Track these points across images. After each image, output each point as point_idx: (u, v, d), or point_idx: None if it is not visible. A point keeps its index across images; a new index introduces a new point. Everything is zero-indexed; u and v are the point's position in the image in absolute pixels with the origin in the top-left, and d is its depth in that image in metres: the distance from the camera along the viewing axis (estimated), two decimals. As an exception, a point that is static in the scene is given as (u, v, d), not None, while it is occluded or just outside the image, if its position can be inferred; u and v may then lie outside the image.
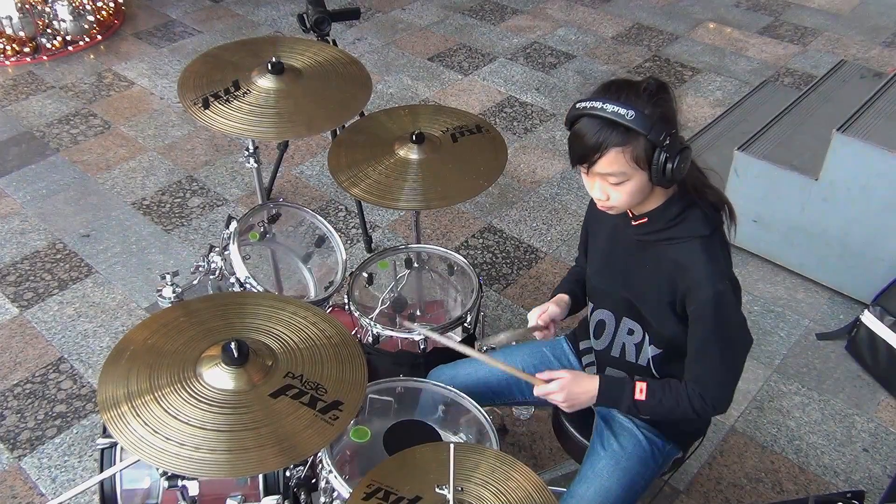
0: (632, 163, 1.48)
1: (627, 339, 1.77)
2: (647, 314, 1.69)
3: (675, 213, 1.59)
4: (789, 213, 2.99)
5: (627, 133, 1.46)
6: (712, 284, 1.55)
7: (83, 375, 2.74)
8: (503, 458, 1.57)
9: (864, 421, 2.61)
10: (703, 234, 1.58)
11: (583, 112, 1.50)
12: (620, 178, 1.51)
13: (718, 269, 1.57)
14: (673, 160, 1.47)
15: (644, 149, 1.47)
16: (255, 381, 1.53)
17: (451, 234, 3.37)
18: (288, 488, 1.78)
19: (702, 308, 1.57)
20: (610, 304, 1.78)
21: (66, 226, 3.39)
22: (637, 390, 1.67)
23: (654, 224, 1.61)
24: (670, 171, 1.48)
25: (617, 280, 1.73)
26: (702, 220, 1.58)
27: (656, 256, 1.63)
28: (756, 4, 5.28)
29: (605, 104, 1.46)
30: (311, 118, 2.24)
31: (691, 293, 1.57)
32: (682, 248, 1.59)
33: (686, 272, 1.57)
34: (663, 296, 1.62)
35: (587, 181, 1.59)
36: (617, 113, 1.45)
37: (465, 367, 1.99)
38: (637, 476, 1.77)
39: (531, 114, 4.15)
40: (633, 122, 1.44)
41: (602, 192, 1.56)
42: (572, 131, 1.54)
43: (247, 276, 2.14)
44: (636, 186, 1.52)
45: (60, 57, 4.59)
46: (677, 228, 1.59)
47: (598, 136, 1.47)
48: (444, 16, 5.14)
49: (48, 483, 2.41)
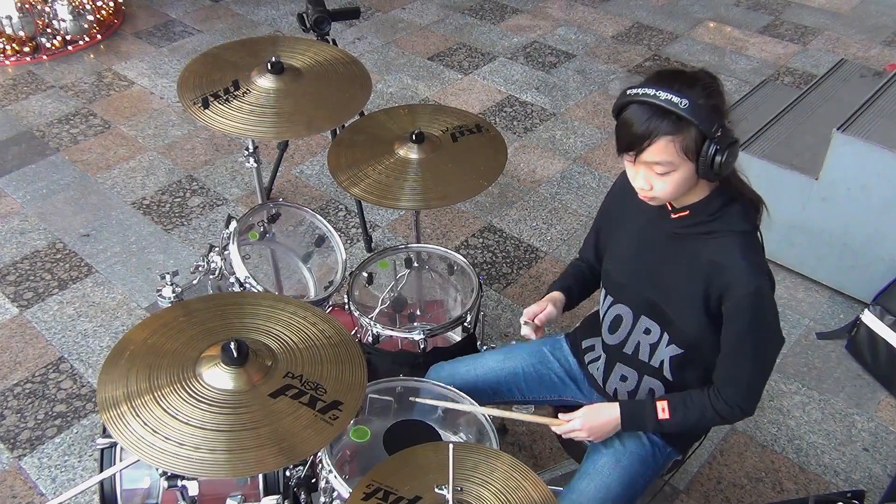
0: (681, 153, 1.46)
1: (643, 339, 1.74)
2: (672, 312, 1.66)
3: (716, 207, 1.56)
4: (789, 213, 2.99)
5: (679, 122, 1.44)
6: (752, 280, 1.53)
7: (83, 375, 2.74)
8: (503, 458, 1.57)
9: (865, 420, 2.61)
10: (743, 229, 1.56)
11: (633, 99, 1.47)
12: (668, 167, 1.48)
13: (758, 265, 1.55)
14: (723, 153, 1.45)
15: (694, 139, 1.45)
16: (254, 381, 1.53)
17: (451, 234, 3.37)
18: (288, 488, 1.78)
19: (739, 305, 1.55)
20: (630, 301, 1.75)
21: (66, 225, 3.38)
22: (660, 410, 1.66)
23: (695, 217, 1.58)
24: (718, 164, 1.46)
25: (643, 276, 1.70)
26: (742, 215, 1.57)
27: (692, 251, 1.60)
28: (756, 4, 5.28)
29: (659, 91, 1.43)
30: (311, 118, 2.24)
31: (729, 290, 1.55)
32: (720, 244, 1.56)
33: (724, 268, 1.55)
34: (695, 292, 1.59)
35: (631, 170, 1.56)
36: (670, 101, 1.42)
37: (465, 365, 1.99)
38: (637, 475, 1.77)
39: (531, 113, 4.15)
40: (686, 111, 1.42)
41: (646, 181, 1.53)
42: (621, 118, 1.51)
43: (246, 275, 2.14)
44: (682, 177, 1.50)
45: (60, 56, 4.59)
46: (717, 223, 1.57)
47: (649, 124, 1.45)
48: (444, 15, 5.14)
49: (48, 483, 2.41)
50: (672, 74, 1.48)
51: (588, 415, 1.72)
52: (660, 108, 1.44)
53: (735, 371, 1.62)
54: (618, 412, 1.70)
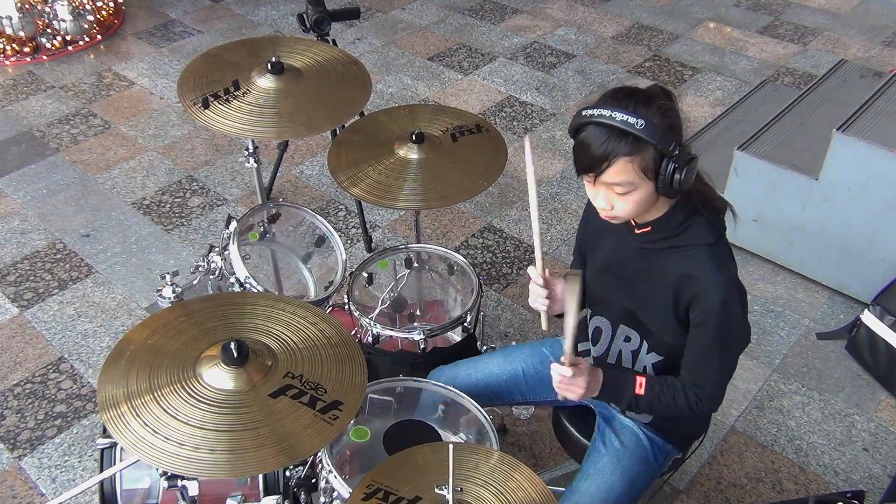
0: (640, 173, 1.46)
1: (624, 347, 1.76)
2: (649, 322, 1.68)
3: (678, 222, 1.57)
4: (789, 213, 2.99)
5: (637, 143, 1.43)
6: (720, 292, 1.54)
7: (83, 375, 2.74)
8: (503, 458, 1.57)
9: (865, 420, 2.61)
10: (708, 241, 1.56)
11: (589, 120, 1.46)
12: (627, 188, 1.49)
13: (726, 276, 1.56)
14: (681, 171, 1.46)
15: (653, 158, 1.45)
16: (254, 381, 1.53)
17: (450, 234, 3.37)
18: (288, 488, 1.78)
19: (707, 315, 1.56)
20: (607, 312, 1.78)
21: (66, 226, 3.38)
22: (637, 384, 1.67)
23: (658, 233, 1.59)
24: (678, 182, 1.46)
25: (618, 288, 1.72)
26: (706, 227, 1.57)
27: (661, 264, 1.62)
28: (756, 4, 5.28)
29: (615, 112, 1.43)
30: (311, 118, 2.24)
31: (697, 300, 1.56)
32: (686, 257, 1.57)
33: (693, 280, 1.56)
34: (667, 303, 1.61)
35: (591, 190, 1.56)
36: (626, 122, 1.42)
37: (465, 368, 1.99)
38: (638, 474, 1.78)
39: (531, 113, 4.15)
40: (642, 131, 1.41)
41: (607, 201, 1.54)
42: (578, 140, 1.50)
43: (247, 275, 2.14)
44: (642, 196, 1.50)
45: (60, 57, 4.59)
46: (682, 237, 1.58)
47: (607, 146, 1.44)
48: (444, 15, 5.14)
49: (48, 483, 2.41)
50: (627, 94, 1.47)
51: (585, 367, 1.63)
52: (616, 129, 1.43)
53: (702, 373, 1.64)
54: (600, 377, 1.66)
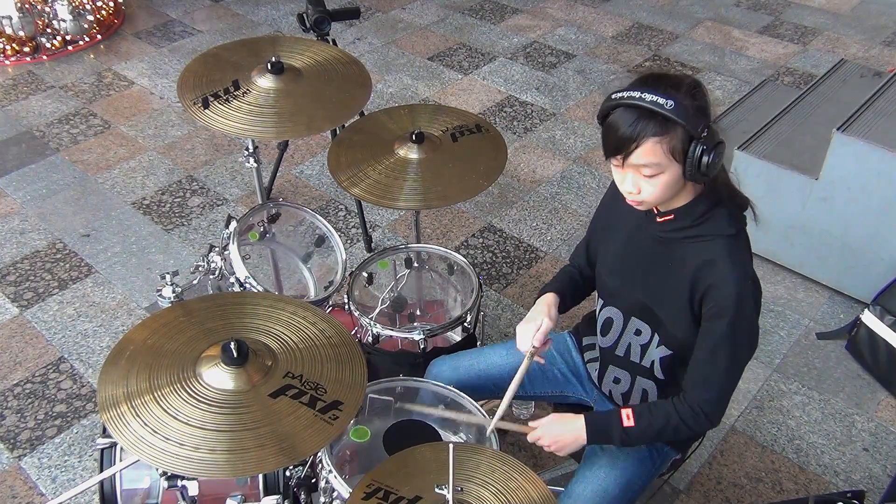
0: (668, 154, 1.46)
1: (634, 339, 1.75)
2: (662, 314, 1.67)
3: (701, 212, 1.57)
4: (789, 213, 2.99)
5: (665, 123, 1.43)
6: (735, 285, 1.53)
7: (83, 375, 2.74)
8: (503, 458, 1.57)
9: (865, 420, 2.61)
10: (728, 233, 1.56)
11: (619, 102, 1.47)
12: (655, 170, 1.48)
13: (742, 269, 1.55)
14: (709, 153, 1.45)
15: (681, 140, 1.45)
16: (254, 381, 1.53)
17: (451, 234, 3.37)
18: (288, 488, 1.78)
19: (720, 307, 1.54)
20: (621, 303, 1.76)
21: (66, 226, 3.38)
22: (624, 417, 1.64)
23: (680, 221, 1.59)
24: (705, 165, 1.46)
25: (632, 279, 1.71)
26: (727, 219, 1.57)
27: (678, 255, 1.61)
28: (756, 4, 5.28)
29: (644, 93, 1.43)
30: (311, 118, 2.24)
31: (711, 292, 1.55)
32: (706, 247, 1.57)
33: (709, 271, 1.55)
34: (682, 294, 1.60)
35: (618, 174, 1.56)
36: (656, 102, 1.42)
37: (467, 359, 1.98)
38: (634, 476, 1.77)
39: (531, 113, 4.15)
40: (672, 111, 1.41)
41: (634, 185, 1.53)
42: (607, 122, 1.51)
43: (247, 275, 2.14)
44: (670, 179, 1.50)
45: (60, 57, 4.59)
46: (703, 227, 1.57)
47: (636, 127, 1.44)
48: (444, 15, 5.14)
49: (48, 483, 2.41)
50: (657, 77, 1.48)
51: (551, 426, 1.70)
52: (646, 109, 1.43)
53: (708, 374, 1.60)
54: (582, 425, 1.66)
